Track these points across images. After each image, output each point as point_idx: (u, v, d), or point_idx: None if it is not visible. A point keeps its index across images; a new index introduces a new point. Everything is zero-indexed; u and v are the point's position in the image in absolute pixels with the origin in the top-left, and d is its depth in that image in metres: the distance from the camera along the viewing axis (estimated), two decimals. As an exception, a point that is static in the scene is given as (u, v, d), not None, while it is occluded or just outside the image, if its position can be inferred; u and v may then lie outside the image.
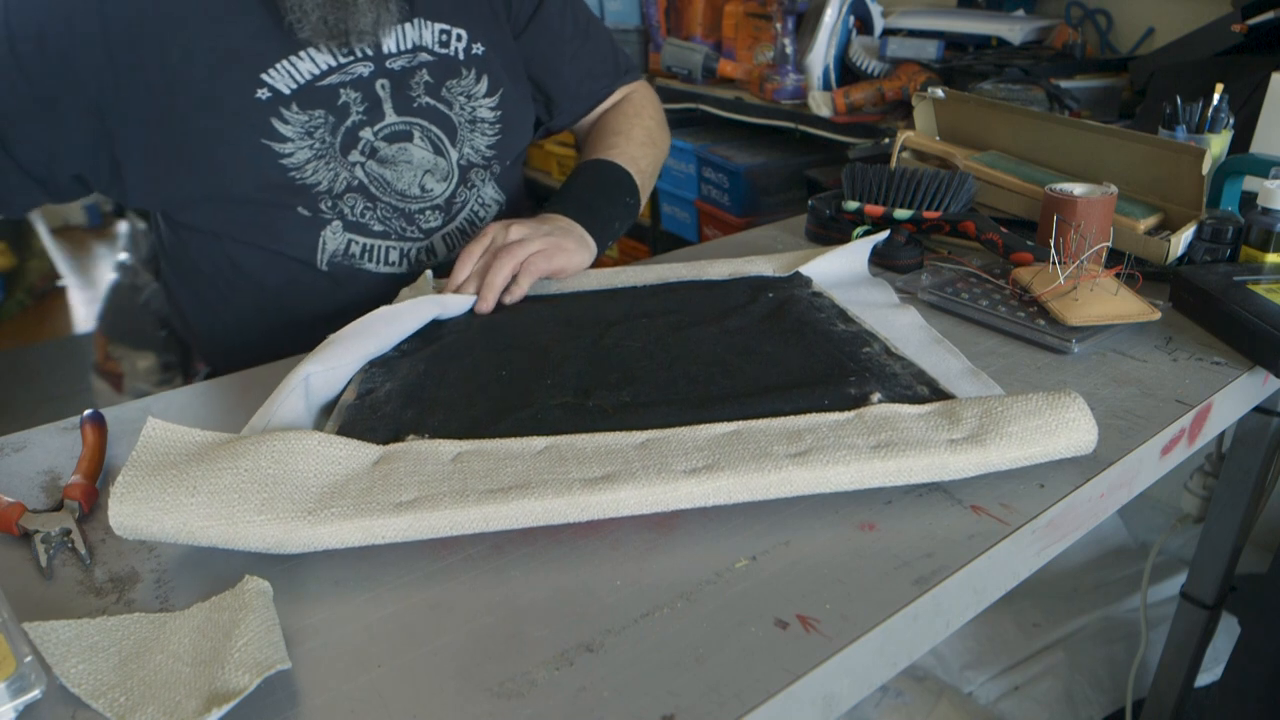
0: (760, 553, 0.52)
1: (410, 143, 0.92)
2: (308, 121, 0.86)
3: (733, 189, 1.98)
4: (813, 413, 0.60)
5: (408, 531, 0.52)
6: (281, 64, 0.85)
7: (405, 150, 0.91)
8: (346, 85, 0.88)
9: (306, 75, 0.86)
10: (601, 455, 0.56)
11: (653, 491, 0.53)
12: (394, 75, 0.91)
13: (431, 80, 0.93)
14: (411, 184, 0.92)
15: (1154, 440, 0.63)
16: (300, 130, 0.86)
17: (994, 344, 0.76)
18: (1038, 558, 0.57)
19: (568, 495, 0.52)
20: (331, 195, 0.89)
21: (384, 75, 0.90)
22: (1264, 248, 0.81)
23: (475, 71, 0.96)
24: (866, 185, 0.98)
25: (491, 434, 0.59)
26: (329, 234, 0.90)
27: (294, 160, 0.86)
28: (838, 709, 0.47)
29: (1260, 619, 1.15)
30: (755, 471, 0.54)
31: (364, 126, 0.89)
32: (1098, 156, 0.97)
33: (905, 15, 1.76)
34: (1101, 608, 1.52)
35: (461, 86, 0.95)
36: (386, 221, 0.92)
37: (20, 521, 0.56)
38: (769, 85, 1.84)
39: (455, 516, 0.52)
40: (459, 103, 0.95)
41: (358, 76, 0.89)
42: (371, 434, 0.60)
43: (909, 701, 1.42)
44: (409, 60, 0.92)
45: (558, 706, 0.43)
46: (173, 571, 0.53)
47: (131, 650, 0.46)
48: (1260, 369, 0.73)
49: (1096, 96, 1.44)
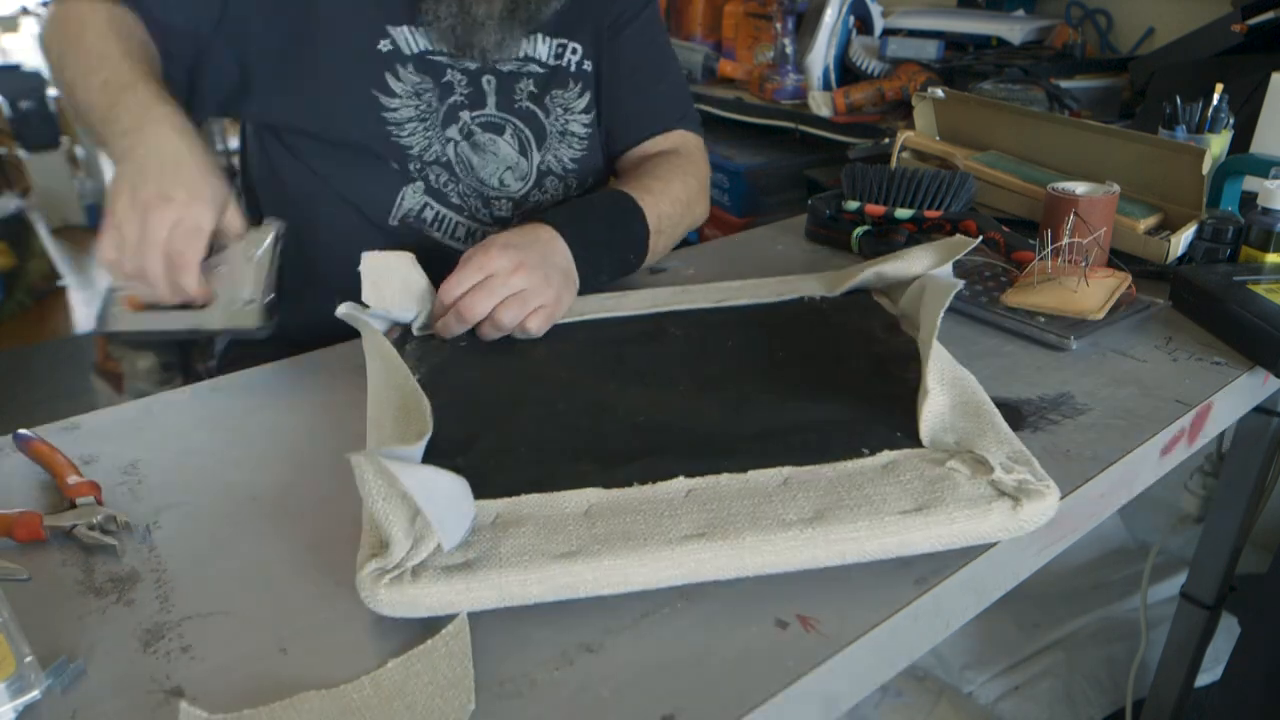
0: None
1: (501, 136, 0.94)
2: (419, 83, 0.90)
3: (733, 189, 1.98)
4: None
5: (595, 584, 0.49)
6: (406, 26, 0.89)
7: (495, 142, 0.94)
8: (454, 69, 0.92)
9: (423, 47, 0.90)
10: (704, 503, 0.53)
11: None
12: (500, 75, 0.94)
13: (536, 90, 0.96)
14: (493, 174, 0.95)
15: (1154, 440, 0.63)
16: (409, 90, 0.90)
17: (995, 343, 0.76)
18: (1038, 558, 0.57)
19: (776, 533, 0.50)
20: (422, 160, 0.92)
21: (491, 73, 0.93)
22: (1264, 248, 0.81)
23: (580, 86, 0.98)
24: (866, 185, 0.98)
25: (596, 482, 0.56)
26: (410, 191, 0.92)
27: (397, 116, 0.89)
28: (838, 709, 0.47)
29: (1260, 619, 1.15)
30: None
31: (464, 109, 0.93)
32: (1098, 156, 0.97)
33: (905, 15, 1.76)
34: (1101, 608, 1.52)
35: (564, 99, 0.97)
36: (464, 198, 0.94)
37: (47, 523, 0.56)
38: (769, 85, 1.84)
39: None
40: (556, 112, 0.97)
41: (465, 67, 0.92)
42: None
43: (909, 701, 1.42)
44: (517, 67, 0.95)
45: (558, 706, 0.43)
46: (173, 571, 0.53)
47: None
48: (1260, 369, 0.73)
49: (1096, 96, 1.44)
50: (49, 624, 0.49)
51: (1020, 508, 0.51)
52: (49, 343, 3.24)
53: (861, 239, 0.96)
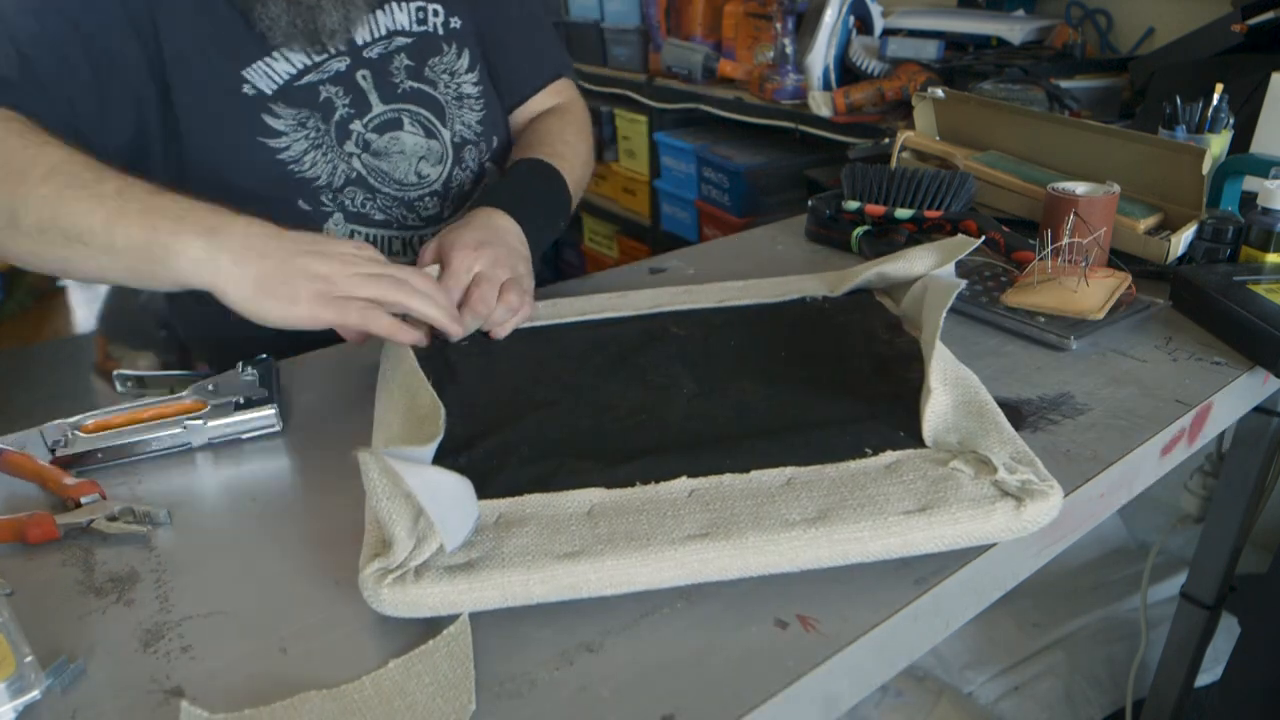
0: (760, 553, 0.52)
1: (401, 130, 0.91)
2: (296, 114, 0.86)
3: (733, 189, 1.99)
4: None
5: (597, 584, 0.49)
6: (258, 64, 0.85)
7: (397, 139, 0.91)
8: (325, 82, 0.88)
9: (284, 75, 0.86)
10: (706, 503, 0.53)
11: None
12: (373, 64, 0.90)
13: (412, 63, 0.92)
14: (408, 172, 0.92)
15: (1154, 440, 0.63)
16: (293, 124, 0.86)
17: (995, 343, 0.76)
18: (1038, 558, 0.57)
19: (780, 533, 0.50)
20: (331, 189, 0.89)
21: (363, 66, 0.89)
22: (1264, 248, 0.81)
23: (456, 46, 0.95)
24: (866, 185, 0.98)
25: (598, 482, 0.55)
26: (331, 226, 0.90)
27: (291, 153, 0.86)
28: (838, 709, 0.47)
29: (1260, 619, 1.15)
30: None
31: (353, 120, 0.89)
32: (1098, 156, 0.97)
33: (905, 15, 1.76)
34: (1101, 608, 1.52)
35: (444, 64, 0.94)
36: (387, 211, 0.92)
37: (60, 521, 0.56)
38: (769, 85, 1.84)
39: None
40: (443, 81, 0.94)
41: (335, 73, 0.88)
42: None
43: (909, 701, 1.42)
44: (385, 46, 0.91)
45: (558, 706, 0.43)
46: (172, 571, 0.53)
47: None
48: (1260, 369, 0.72)
49: (1096, 96, 1.44)
50: (49, 624, 0.49)
51: (1024, 508, 0.51)
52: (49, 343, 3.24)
53: (861, 239, 0.96)
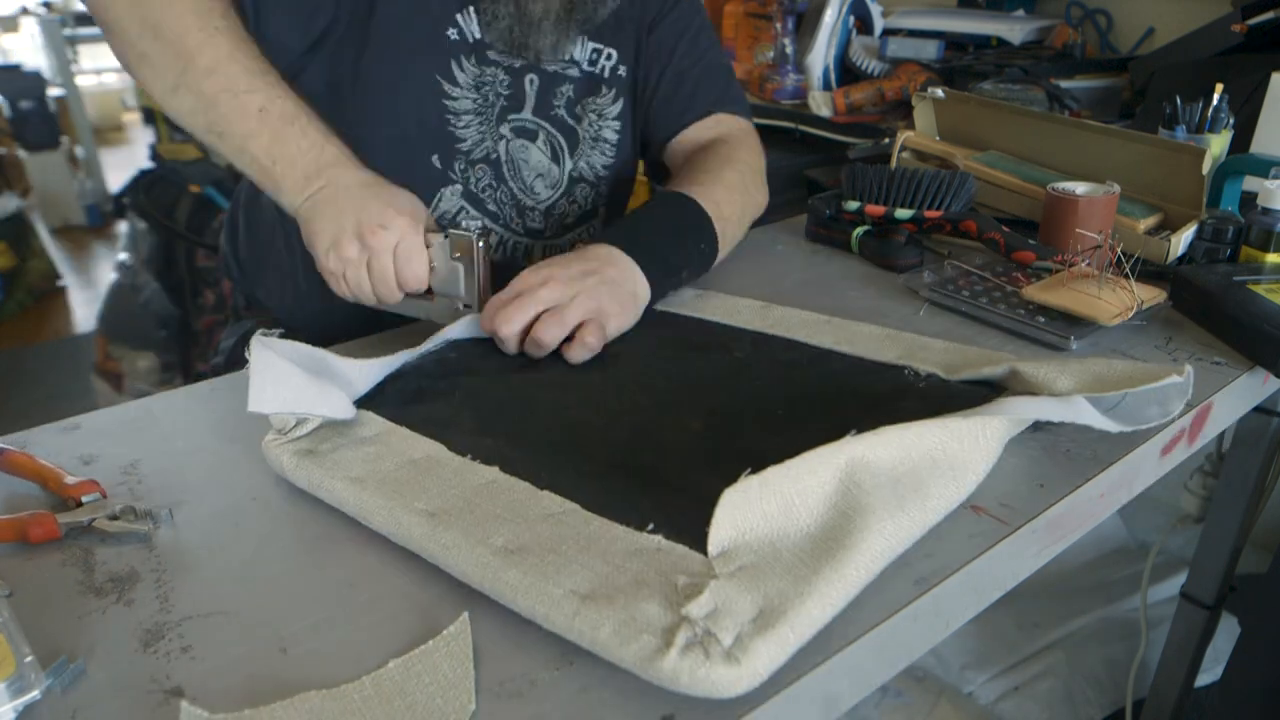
0: (760, 553, 0.52)
1: (534, 142, 0.93)
2: (480, 75, 0.89)
3: (733, 189, 1.98)
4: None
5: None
6: (469, 11, 0.88)
7: (526, 149, 0.93)
8: (502, 66, 0.90)
9: (479, 35, 0.89)
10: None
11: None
12: (544, 75, 0.93)
13: (573, 96, 0.95)
14: (529, 180, 0.94)
15: (1154, 440, 0.63)
16: (471, 81, 0.89)
17: (996, 343, 0.76)
18: (1038, 558, 0.57)
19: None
20: (469, 158, 0.91)
21: (535, 73, 0.92)
22: (1264, 248, 0.81)
23: (614, 92, 0.97)
24: (866, 185, 0.98)
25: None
26: (448, 193, 0.91)
27: (457, 106, 0.89)
28: (838, 709, 0.47)
29: (1260, 619, 1.15)
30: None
31: (508, 110, 0.92)
32: (1098, 156, 0.97)
33: (905, 15, 1.76)
34: (1101, 608, 1.52)
35: (597, 105, 0.96)
36: (501, 205, 0.93)
37: (62, 521, 0.56)
38: (769, 85, 1.84)
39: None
40: (589, 119, 0.96)
41: (510, 65, 0.91)
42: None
43: (909, 701, 1.43)
44: (562, 68, 0.93)
45: (558, 706, 0.43)
46: (172, 571, 0.53)
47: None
48: (1260, 369, 0.72)
49: (1096, 96, 1.44)
50: (49, 624, 0.49)
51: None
52: (49, 343, 3.24)
53: (861, 239, 0.96)
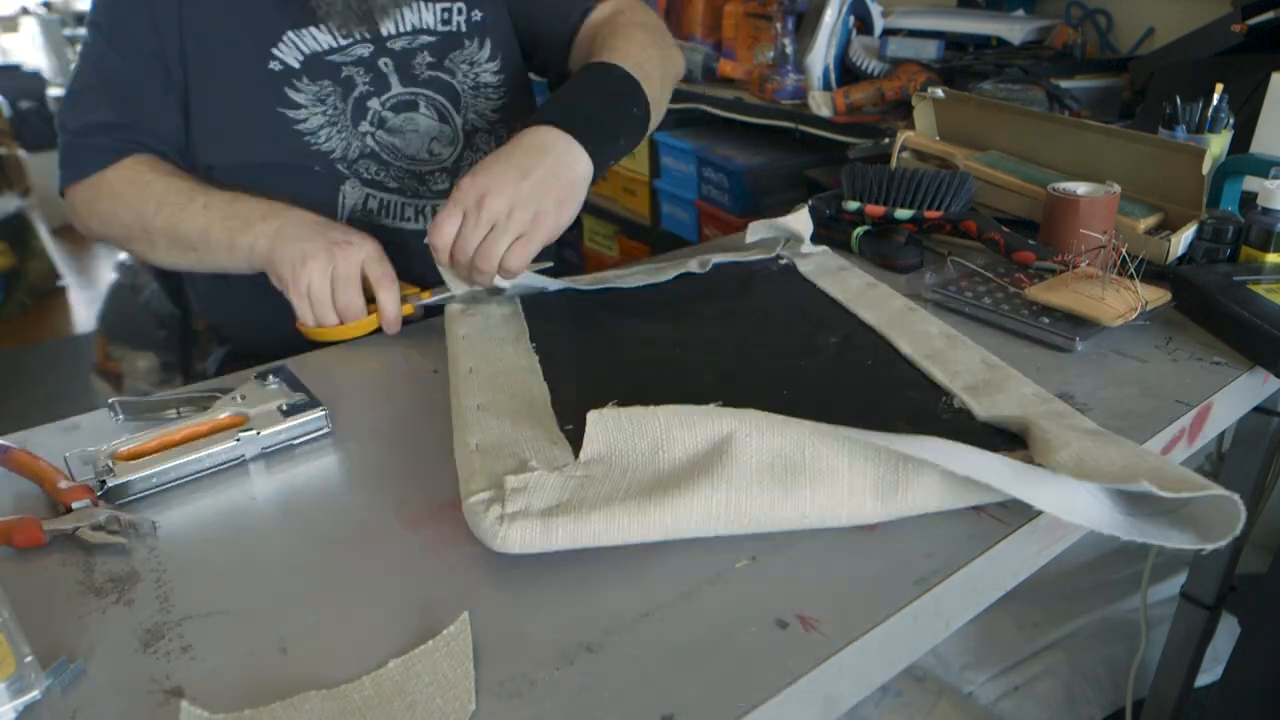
0: (760, 553, 0.52)
1: (416, 112, 0.95)
2: (318, 91, 0.91)
3: (733, 189, 1.98)
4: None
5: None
6: (288, 36, 0.90)
7: (412, 119, 0.95)
8: (349, 64, 0.92)
9: (311, 48, 0.90)
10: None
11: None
12: (395, 54, 0.94)
13: (433, 58, 0.96)
14: (420, 149, 0.96)
15: (1154, 440, 0.63)
16: (312, 98, 0.90)
17: (997, 343, 0.76)
18: (1038, 558, 0.57)
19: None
20: (346, 160, 0.93)
21: (385, 54, 0.93)
22: (1264, 248, 0.81)
23: (478, 40, 0.98)
24: (866, 185, 0.98)
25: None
26: (348, 188, 0.93)
27: (308, 126, 0.90)
28: (838, 709, 0.47)
29: (1260, 619, 1.15)
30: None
31: (371, 97, 0.93)
32: (1098, 156, 0.97)
33: (905, 15, 1.76)
34: (1101, 608, 1.52)
35: (464, 56, 0.97)
36: (401, 180, 0.95)
37: (47, 527, 0.55)
38: (769, 85, 1.84)
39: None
40: (461, 70, 0.97)
41: (359, 57, 0.92)
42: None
43: (909, 701, 1.42)
44: (409, 41, 0.94)
45: (558, 706, 0.43)
46: (172, 571, 0.53)
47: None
48: (1260, 369, 0.72)
49: (1096, 96, 1.44)
50: (49, 624, 0.49)
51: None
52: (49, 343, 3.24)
53: (861, 239, 0.96)
